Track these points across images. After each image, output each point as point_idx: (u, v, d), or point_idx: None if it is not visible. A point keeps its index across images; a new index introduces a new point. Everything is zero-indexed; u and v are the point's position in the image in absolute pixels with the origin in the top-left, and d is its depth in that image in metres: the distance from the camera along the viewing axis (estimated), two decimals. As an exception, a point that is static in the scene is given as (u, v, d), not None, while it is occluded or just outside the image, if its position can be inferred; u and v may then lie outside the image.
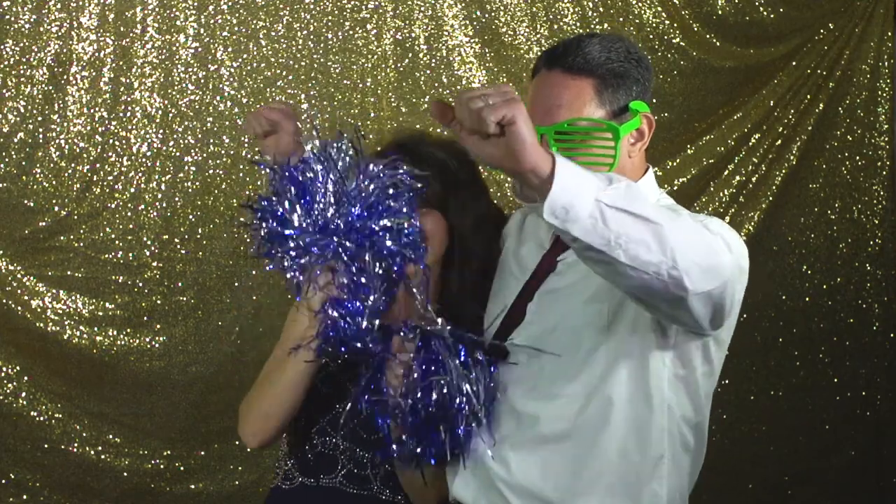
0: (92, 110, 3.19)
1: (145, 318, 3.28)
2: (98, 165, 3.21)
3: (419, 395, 1.62)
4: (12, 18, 3.11)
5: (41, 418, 3.21)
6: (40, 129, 3.16)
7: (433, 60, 3.46)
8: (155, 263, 3.27)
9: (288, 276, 1.60)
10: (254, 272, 3.35)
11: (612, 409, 1.71)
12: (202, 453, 3.34)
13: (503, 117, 1.32)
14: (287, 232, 1.54)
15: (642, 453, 1.72)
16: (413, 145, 1.92)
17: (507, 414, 1.79)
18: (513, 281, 1.87)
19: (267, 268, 1.61)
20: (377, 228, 1.56)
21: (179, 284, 3.30)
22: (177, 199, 3.28)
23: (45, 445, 3.22)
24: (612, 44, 1.72)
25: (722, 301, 1.57)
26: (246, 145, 3.32)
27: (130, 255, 3.26)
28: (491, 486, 1.79)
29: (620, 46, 1.72)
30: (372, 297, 1.59)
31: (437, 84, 3.45)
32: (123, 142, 3.23)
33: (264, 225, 1.56)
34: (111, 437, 3.27)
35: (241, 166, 3.33)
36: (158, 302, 3.28)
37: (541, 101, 1.70)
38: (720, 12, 3.71)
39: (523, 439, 1.76)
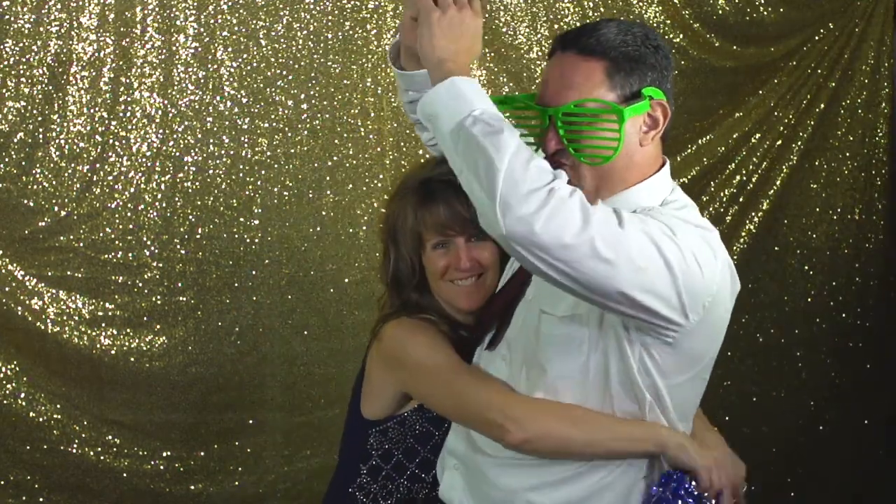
0: (92, 110, 3.19)
1: (145, 319, 3.27)
2: (98, 165, 3.20)
3: None
4: (12, 18, 3.10)
5: (40, 419, 3.20)
6: (40, 129, 3.15)
7: (433, 60, 3.46)
8: (155, 263, 3.26)
9: None
10: (254, 272, 3.35)
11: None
12: (202, 454, 3.33)
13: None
14: None
15: (629, 461, 1.69)
16: (451, 176, 1.93)
17: None
18: None
19: None
20: None
21: (179, 284, 3.29)
22: (177, 199, 3.27)
23: (45, 446, 3.20)
24: (630, 28, 1.66)
25: (591, 289, 1.50)
26: (246, 145, 3.32)
27: (130, 255, 3.25)
28: (476, 490, 1.77)
29: (638, 31, 1.66)
30: None
31: (437, 84, 3.45)
32: (123, 142, 3.22)
33: None
34: (111, 437, 3.25)
35: (241, 166, 3.32)
36: (158, 302, 3.27)
37: (552, 82, 1.67)
38: (720, 12, 3.72)
39: (506, 454, 1.73)
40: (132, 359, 3.26)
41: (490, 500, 1.75)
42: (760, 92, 3.79)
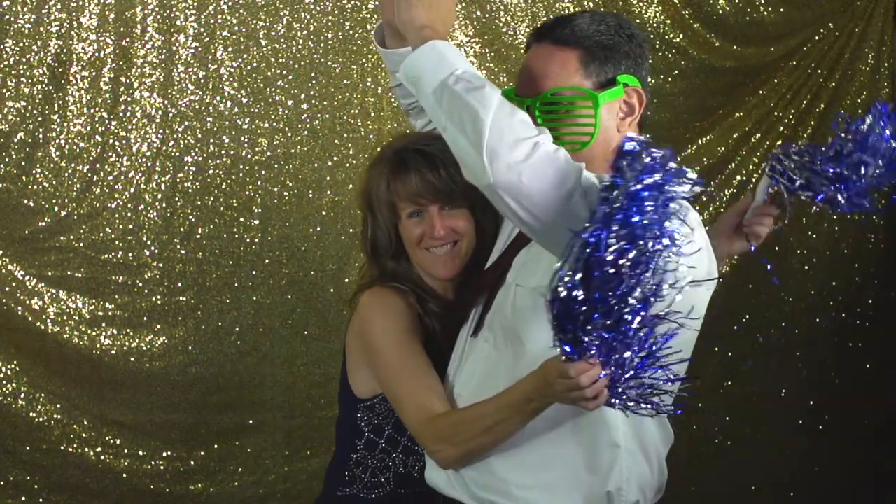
0: (92, 110, 3.19)
1: (145, 319, 3.27)
2: (98, 165, 3.21)
3: None
4: (12, 18, 3.11)
5: (40, 419, 3.20)
6: (40, 129, 3.16)
7: (433, 60, 3.46)
8: (155, 263, 3.26)
9: None
10: (254, 272, 3.35)
11: None
12: (202, 454, 3.34)
13: None
14: None
15: (608, 445, 1.70)
16: (423, 146, 1.94)
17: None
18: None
19: None
20: None
21: (179, 284, 3.29)
22: (177, 199, 3.28)
23: (45, 446, 3.21)
24: (604, 18, 1.71)
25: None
26: (246, 145, 3.33)
27: (130, 255, 3.25)
28: (461, 475, 1.79)
29: (612, 21, 1.71)
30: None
31: (437, 84, 3.45)
32: (123, 142, 3.23)
33: None
34: (111, 438, 3.26)
35: (241, 166, 3.33)
36: (158, 302, 3.27)
37: (528, 72, 1.71)
38: (720, 12, 3.72)
39: None
40: (132, 359, 3.26)
41: (476, 484, 1.76)
42: (760, 92, 3.79)
